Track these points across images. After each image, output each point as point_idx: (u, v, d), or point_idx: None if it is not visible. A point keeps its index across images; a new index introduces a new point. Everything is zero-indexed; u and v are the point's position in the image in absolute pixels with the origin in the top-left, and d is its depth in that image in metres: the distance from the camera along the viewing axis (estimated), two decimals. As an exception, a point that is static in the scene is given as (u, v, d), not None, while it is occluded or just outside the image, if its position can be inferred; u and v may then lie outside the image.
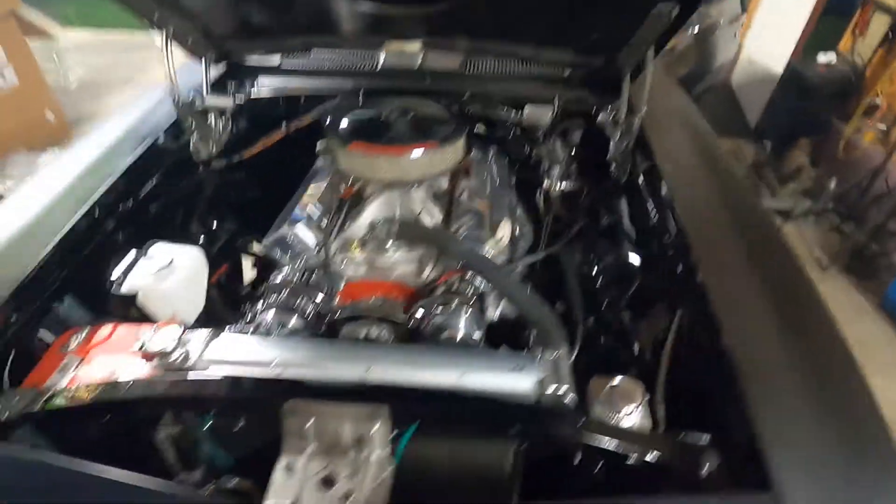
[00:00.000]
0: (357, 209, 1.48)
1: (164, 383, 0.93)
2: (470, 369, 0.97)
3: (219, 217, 1.73)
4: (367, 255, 1.42)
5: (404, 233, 1.31)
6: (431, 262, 1.40)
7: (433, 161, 1.38)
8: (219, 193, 1.76)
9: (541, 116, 1.85)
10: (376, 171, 1.36)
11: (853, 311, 2.94)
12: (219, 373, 0.95)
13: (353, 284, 1.42)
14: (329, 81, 1.90)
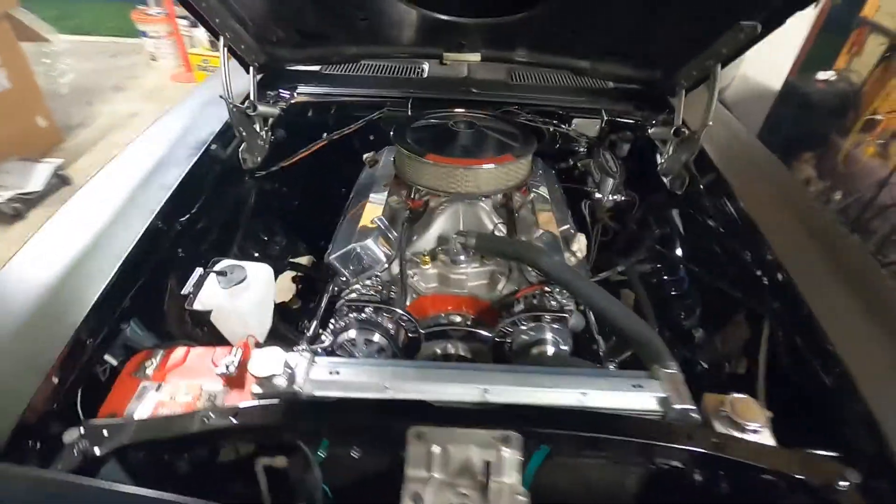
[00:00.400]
0: (425, 221, 1.44)
1: (275, 410, 0.87)
2: (590, 388, 0.94)
3: (267, 229, 1.66)
4: (439, 269, 1.38)
5: (484, 246, 1.27)
6: (504, 275, 1.37)
7: (508, 174, 1.36)
8: (265, 204, 1.69)
9: (588, 128, 1.87)
10: (453, 183, 1.33)
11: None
12: (333, 397, 0.89)
13: (425, 298, 1.37)
14: (371, 89, 1.86)
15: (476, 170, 1.30)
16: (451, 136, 1.41)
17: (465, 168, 1.29)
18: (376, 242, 1.34)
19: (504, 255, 1.29)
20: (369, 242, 1.32)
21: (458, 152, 1.36)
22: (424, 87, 1.83)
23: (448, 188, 1.34)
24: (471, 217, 1.45)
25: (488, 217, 1.44)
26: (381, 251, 1.35)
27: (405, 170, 1.41)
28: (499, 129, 1.48)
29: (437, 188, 1.35)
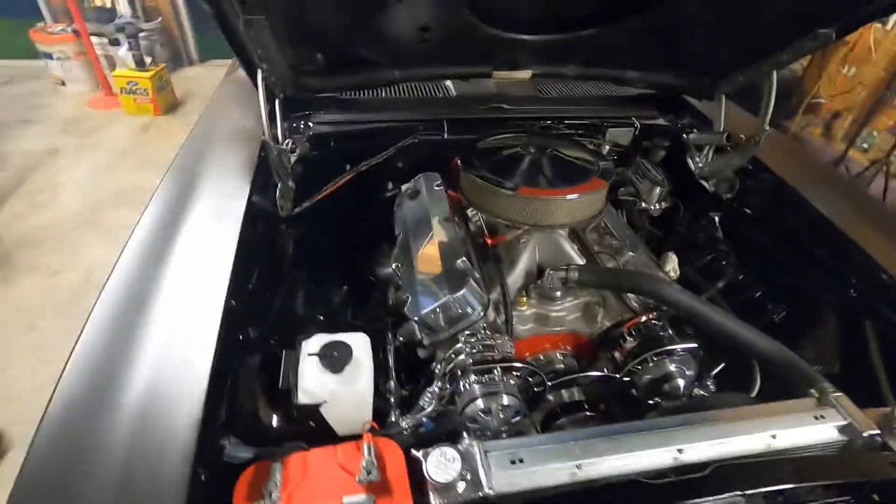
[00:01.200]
0: (509, 258, 1.33)
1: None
2: (775, 428, 0.89)
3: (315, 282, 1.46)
4: (536, 308, 1.27)
5: (591, 279, 1.19)
6: (601, 305, 1.29)
7: (594, 202, 1.28)
8: (302, 252, 1.49)
9: (621, 137, 1.84)
10: (542, 215, 1.23)
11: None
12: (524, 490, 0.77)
13: (523, 342, 1.27)
14: (397, 112, 1.71)
15: (566, 200, 1.21)
16: (528, 162, 1.31)
17: (554, 198, 1.20)
18: (471, 290, 1.21)
19: (616, 287, 1.22)
20: (465, 293, 1.18)
21: (543, 181, 1.26)
22: (455, 106, 1.71)
23: (536, 220, 1.24)
24: (550, 249, 1.35)
25: (569, 247, 1.36)
26: (476, 298, 1.22)
27: (483, 202, 1.29)
28: (570, 152, 1.40)
29: (524, 221, 1.24)
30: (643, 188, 1.75)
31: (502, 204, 1.24)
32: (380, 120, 1.68)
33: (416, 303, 1.21)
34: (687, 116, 1.87)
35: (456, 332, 1.21)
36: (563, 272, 1.21)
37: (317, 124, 1.67)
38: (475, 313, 1.21)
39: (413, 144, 1.65)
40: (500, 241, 1.33)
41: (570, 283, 1.21)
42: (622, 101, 1.87)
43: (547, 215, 1.22)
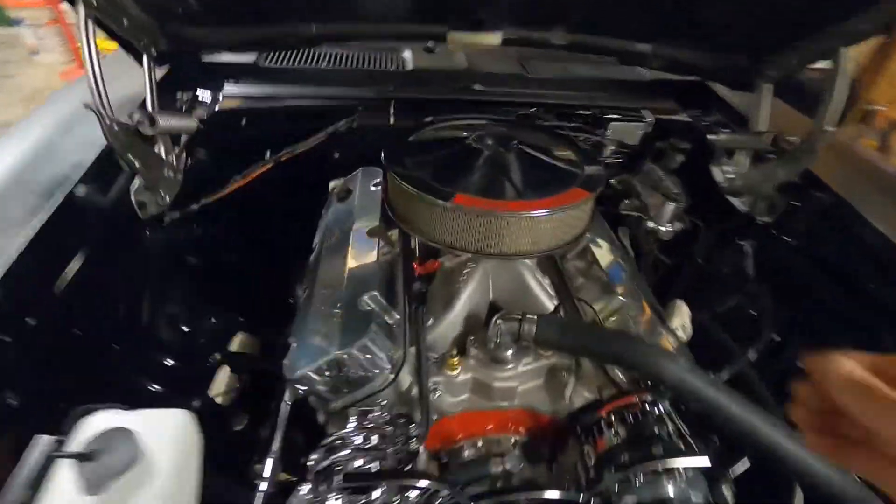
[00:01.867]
0: (442, 294, 0.93)
1: None
2: None
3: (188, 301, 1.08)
4: (474, 372, 0.88)
5: (553, 340, 0.79)
6: (572, 375, 0.89)
7: (572, 220, 0.87)
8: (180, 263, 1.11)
9: (628, 134, 1.42)
10: (492, 238, 0.82)
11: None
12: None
13: (458, 419, 0.87)
14: (333, 88, 1.32)
15: (527, 217, 0.80)
16: (480, 160, 0.90)
17: (506, 214, 0.79)
18: (375, 340, 0.82)
19: (589, 353, 0.81)
20: (366, 342, 0.80)
21: (496, 189, 0.85)
22: (410, 83, 1.31)
23: (479, 245, 0.83)
24: (506, 284, 0.95)
25: (535, 282, 0.95)
26: (383, 353, 0.83)
27: (408, 216, 0.89)
28: (544, 148, 0.99)
29: (460, 245, 0.84)
30: (652, 202, 1.33)
31: (430, 219, 0.84)
32: (309, 96, 1.29)
33: (295, 355, 0.82)
34: (715, 111, 1.44)
35: (352, 403, 0.83)
36: (516, 323, 0.81)
37: (227, 98, 1.29)
38: (379, 377, 0.82)
39: (351, 130, 1.27)
40: (432, 269, 0.93)
41: (524, 340, 0.81)
42: (632, 88, 1.45)
43: (494, 238, 0.82)
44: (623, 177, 1.46)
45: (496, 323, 0.84)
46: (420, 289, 0.88)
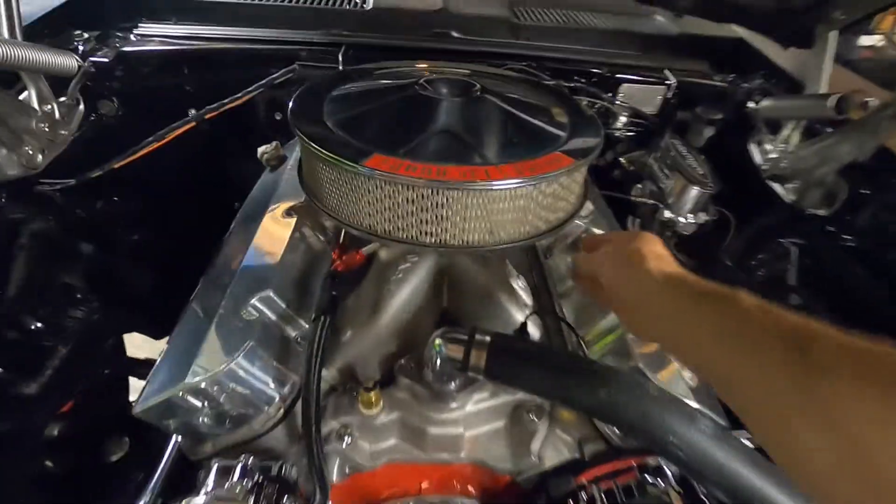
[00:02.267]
0: (365, 298, 0.67)
1: None
2: None
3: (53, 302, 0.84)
4: (400, 411, 0.62)
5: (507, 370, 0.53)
6: (543, 421, 0.63)
7: (560, 195, 0.60)
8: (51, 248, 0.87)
9: (645, 100, 1.14)
10: (435, 220, 0.55)
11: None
12: None
13: (380, 474, 0.62)
14: (272, 30, 1.06)
15: (483, 190, 0.53)
16: (426, 113, 0.63)
17: (456, 185, 0.52)
18: (250, 365, 0.57)
19: (564, 401, 0.55)
20: (233, 368, 0.55)
21: (443, 150, 0.58)
22: (367, 26, 1.04)
23: (417, 233, 0.57)
24: (464, 283, 0.69)
25: (501, 283, 0.69)
26: (265, 382, 0.58)
27: (316, 188, 0.62)
28: (522, 100, 0.71)
29: (392, 232, 0.57)
30: (671, 187, 1.05)
31: (339, 190, 0.58)
32: (242, 39, 1.03)
33: (150, 379, 0.58)
34: (756, 75, 1.14)
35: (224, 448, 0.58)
36: (462, 343, 0.55)
37: (141, 38, 1.03)
38: (260, 417, 0.57)
39: (290, 82, 1.01)
40: (353, 263, 0.67)
41: (473, 370, 0.55)
42: (652, 43, 1.16)
43: (433, 221, 0.55)
44: (635, 154, 1.17)
45: (434, 344, 0.58)
46: (330, 290, 0.62)
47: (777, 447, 0.34)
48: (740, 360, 0.36)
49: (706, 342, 0.38)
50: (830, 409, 0.29)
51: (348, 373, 0.66)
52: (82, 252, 0.92)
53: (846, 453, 0.28)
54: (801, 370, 0.32)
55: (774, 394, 0.33)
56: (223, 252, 0.76)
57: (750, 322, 0.36)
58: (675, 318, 0.42)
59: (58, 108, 0.88)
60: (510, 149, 0.61)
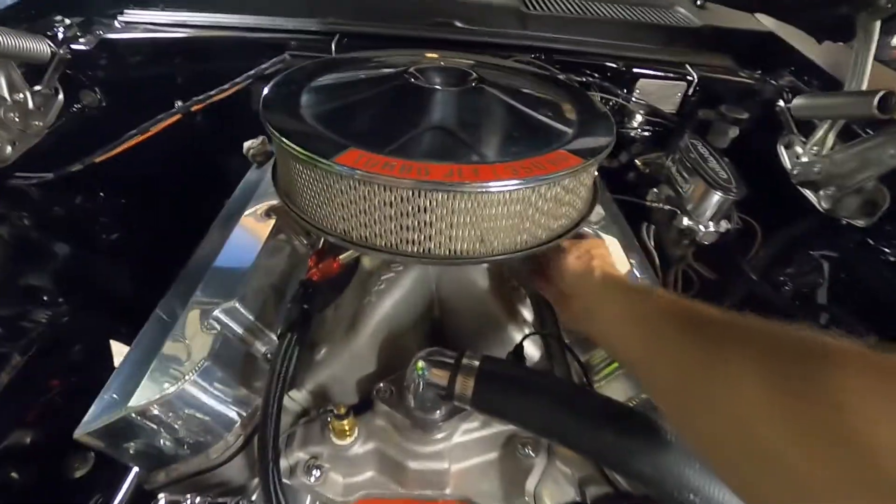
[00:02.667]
0: (341, 311, 0.61)
1: None
2: None
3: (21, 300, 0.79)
4: (377, 441, 0.55)
5: (491, 403, 0.46)
6: (540, 457, 0.55)
7: (564, 199, 0.52)
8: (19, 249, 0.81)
9: (663, 97, 1.05)
10: (419, 227, 0.48)
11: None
12: None
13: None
14: (262, 18, 0.99)
15: (473, 191, 0.46)
16: (413, 104, 0.56)
17: (442, 186, 0.45)
18: (210, 383, 0.50)
19: (562, 440, 0.47)
20: (184, 390, 0.48)
21: (430, 147, 0.51)
22: (363, 13, 0.97)
23: (399, 241, 0.49)
24: (457, 295, 0.62)
25: (498, 297, 0.61)
26: (224, 406, 0.51)
27: (288, 187, 0.55)
28: (525, 92, 0.64)
29: (368, 240, 0.50)
30: (690, 191, 0.97)
31: (311, 189, 0.51)
32: (230, 26, 0.97)
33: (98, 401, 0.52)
34: (787, 72, 1.05)
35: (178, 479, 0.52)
36: (447, 368, 0.48)
37: (126, 25, 0.98)
38: (216, 446, 0.51)
39: (280, 70, 0.94)
40: (329, 272, 0.60)
41: (458, 399, 0.48)
42: (672, 36, 1.08)
43: (416, 228, 0.48)
44: (651, 156, 1.09)
45: (416, 366, 0.51)
46: (301, 302, 0.55)
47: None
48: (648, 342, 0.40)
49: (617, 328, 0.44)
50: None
51: (321, 395, 0.59)
52: (55, 251, 0.87)
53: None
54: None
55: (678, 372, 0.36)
56: (196, 255, 0.69)
57: (656, 308, 0.41)
58: (600, 308, 0.48)
59: (31, 97, 0.83)
60: (508, 146, 0.53)
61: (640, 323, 0.42)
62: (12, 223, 0.83)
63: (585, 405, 0.45)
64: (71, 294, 0.83)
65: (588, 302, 0.50)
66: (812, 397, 0.27)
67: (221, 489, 0.54)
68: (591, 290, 0.50)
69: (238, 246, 0.67)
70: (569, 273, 0.53)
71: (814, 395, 0.27)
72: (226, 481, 0.54)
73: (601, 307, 0.48)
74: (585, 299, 0.50)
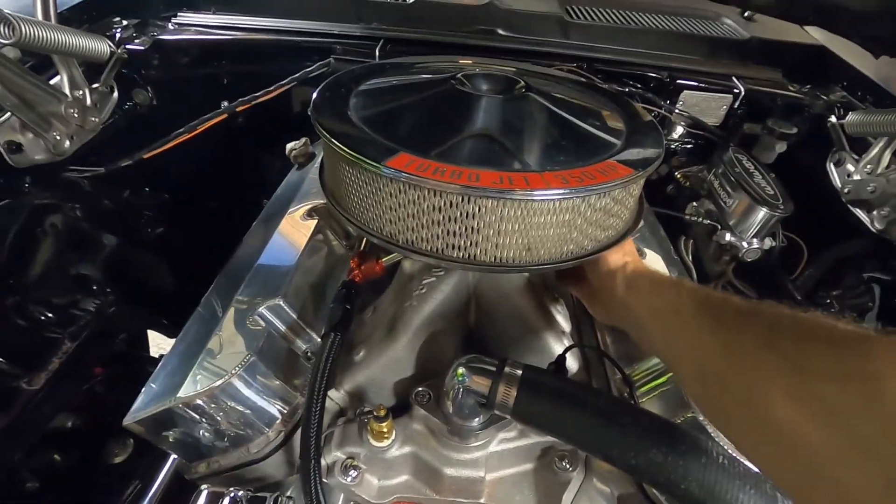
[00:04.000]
0: (381, 315, 0.61)
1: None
2: None
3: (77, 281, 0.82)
4: (415, 445, 0.55)
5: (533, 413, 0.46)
6: (578, 471, 0.54)
7: (612, 210, 0.51)
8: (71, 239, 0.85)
9: (707, 109, 1.03)
10: (465, 233, 0.48)
11: None
12: None
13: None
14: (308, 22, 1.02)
15: (523, 200, 0.46)
16: (460, 111, 0.57)
17: (491, 193, 0.45)
18: (253, 378, 0.51)
19: (605, 455, 0.46)
20: (230, 384, 0.49)
21: (478, 153, 0.51)
22: (408, 19, 0.99)
23: (444, 246, 0.49)
24: (495, 303, 0.62)
25: (536, 307, 0.61)
26: (266, 402, 0.52)
27: (335, 188, 0.56)
28: (572, 102, 0.64)
29: (414, 244, 0.50)
30: (734, 206, 0.94)
31: (358, 192, 0.51)
32: (278, 30, 0.99)
33: (145, 391, 0.53)
34: (838, 87, 1.02)
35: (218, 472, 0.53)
36: (489, 375, 0.48)
37: (179, 27, 1.01)
38: (257, 441, 0.51)
39: (325, 74, 0.96)
40: (372, 274, 0.60)
41: (499, 408, 0.48)
42: (719, 47, 1.06)
43: (462, 234, 0.48)
44: (693, 169, 1.07)
45: (457, 373, 0.51)
46: (344, 302, 0.56)
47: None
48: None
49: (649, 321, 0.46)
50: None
51: (359, 396, 0.59)
52: (104, 243, 0.90)
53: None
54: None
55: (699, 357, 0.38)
56: (239, 252, 0.71)
57: (691, 299, 0.41)
58: (635, 301, 0.48)
59: (90, 94, 0.87)
60: (556, 155, 0.53)
61: (675, 314, 0.42)
62: (65, 214, 0.87)
63: (631, 420, 0.44)
64: (117, 285, 0.86)
65: (622, 295, 0.50)
66: (846, 383, 0.27)
67: (258, 484, 0.55)
68: (625, 283, 0.51)
69: (281, 245, 0.68)
70: (602, 267, 0.54)
71: (847, 381, 0.27)
72: (263, 476, 0.54)
73: (635, 300, 0.49)
74: (619, 292, 0.51)
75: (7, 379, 0.68)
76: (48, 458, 0.78)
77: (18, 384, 0.68)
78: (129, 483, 0.72)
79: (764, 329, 0.33)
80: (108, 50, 0.85)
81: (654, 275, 0.52)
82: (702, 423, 0.49)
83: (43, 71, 0.82)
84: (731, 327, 0.36)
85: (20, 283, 0.74)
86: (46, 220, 0.81)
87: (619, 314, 0.52)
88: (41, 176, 0.81)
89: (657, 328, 0.45)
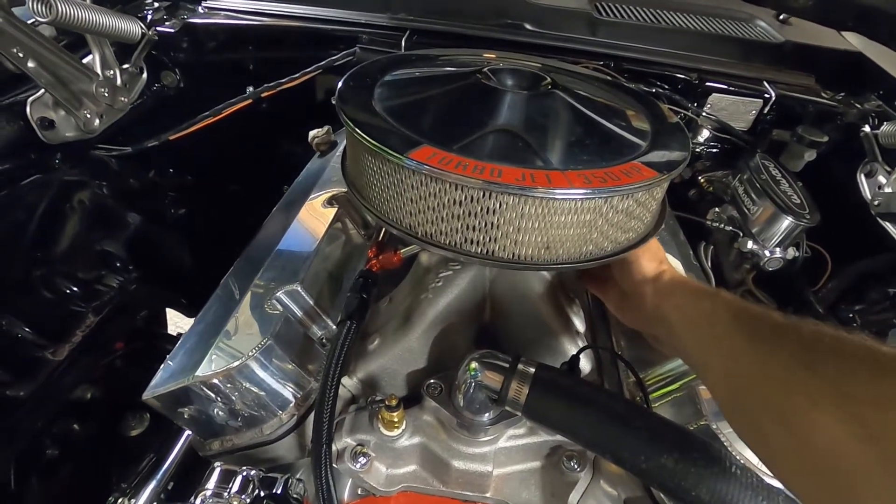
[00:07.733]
0: (396, 305, 0.61)
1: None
2: None
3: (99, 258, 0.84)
4: (425, 436, 0.55)
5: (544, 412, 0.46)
6: (585, 471, 0.54)
7: (634, 212, 0.51)
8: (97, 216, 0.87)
9: (736, 113, 1.01)
10: (485, 229, 0.48)
11: None
12: None
13: (383, 501, 0.55)
14: (335, 10, 1.02)
15: (545, 198, 0.46)
16: (485, 105, 0.56)
17: (513, 190, 0.45)
18: (267, 364, 0.52)
19: (615, 458, 0.46)
20: (245, 366, 0.50)
21: (501, 149, 0.51)
22: (435, 10, 0.98)
23: (462, 240, 0.50)
24: (510, 299, 0.61)
25: (552, 306, 0.61)
26: (281, 384, 0.53)
27: (357, 178, 0.57)
28: (598, 100, 0.63)
29: (433, 236, 0.51)
30: (758, 213, 0.92)
31: (380, 183, 0.51)
32: (306, 17, 1.00)
33: (164, 368, 0.55)
34: (874, 95, 0.99)
35: (232, 450, 0.54)
36: (501, 371, 0.48)
37: (209, 11, 1.02)
38: (270, 422, 0.53)
39: (350, 65, 0.96)
40: (390, 264, 0.61)
41: (510, 404, 0.48)
42: (749, 50, 1.03)
43: (482, 229, 0.48)
44: (717, 174, 1.05)
45: (469, 367, 0.51)
46: (361, 291, 0.57)
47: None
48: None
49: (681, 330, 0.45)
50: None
51: (371, 385, 0.60)
52: (128, 221, 0.92)
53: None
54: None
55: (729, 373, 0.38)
56: (259, 237, 0.72)
57: (727, 310, 0.41)
58: (671, 309, 0.48)
59: (120, 74, 0.88)
60: (579, 154, 0.52)
61: (710, 326, 0.42)
62: (93, 191, 0.89)
63: (643, 424, 0.44)
64: (139, 263, 0.88)
65: (656, 303, 0.50)
66: (891, 410, 0.27)
67: (270, 465, 0.56)
68: (660, 291, 0.50)
69: (300, 232, 0.69)
70: (636, 275, 0.53)
71: (882, 401, 0.27)
72: (275, 458, 0.55)
73: (670, 309, 0.48)
74: (653, 300, 0.50)
75: (33, 349, 0.70)
76: (68, 427, 0.80)
77: (44, 354, 0.71)
78: (145, 456, 0.74)
79: (802, 347, 0.32)
80: (139, 31, 0.87)
81: (690, 284, 0.51)
82: (714, 432, 0.49)
83: (76, 50, 0.83)
84: (767, 341, 0.35)
85: (48, 256, 0.76)
86: (74, 196, 0.83)
87: (651, 322, 0.52)
88: (71, 153, 0.83)
89: (691, 339, 0.44)
